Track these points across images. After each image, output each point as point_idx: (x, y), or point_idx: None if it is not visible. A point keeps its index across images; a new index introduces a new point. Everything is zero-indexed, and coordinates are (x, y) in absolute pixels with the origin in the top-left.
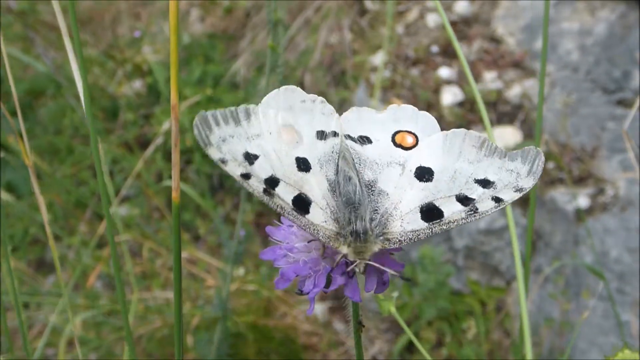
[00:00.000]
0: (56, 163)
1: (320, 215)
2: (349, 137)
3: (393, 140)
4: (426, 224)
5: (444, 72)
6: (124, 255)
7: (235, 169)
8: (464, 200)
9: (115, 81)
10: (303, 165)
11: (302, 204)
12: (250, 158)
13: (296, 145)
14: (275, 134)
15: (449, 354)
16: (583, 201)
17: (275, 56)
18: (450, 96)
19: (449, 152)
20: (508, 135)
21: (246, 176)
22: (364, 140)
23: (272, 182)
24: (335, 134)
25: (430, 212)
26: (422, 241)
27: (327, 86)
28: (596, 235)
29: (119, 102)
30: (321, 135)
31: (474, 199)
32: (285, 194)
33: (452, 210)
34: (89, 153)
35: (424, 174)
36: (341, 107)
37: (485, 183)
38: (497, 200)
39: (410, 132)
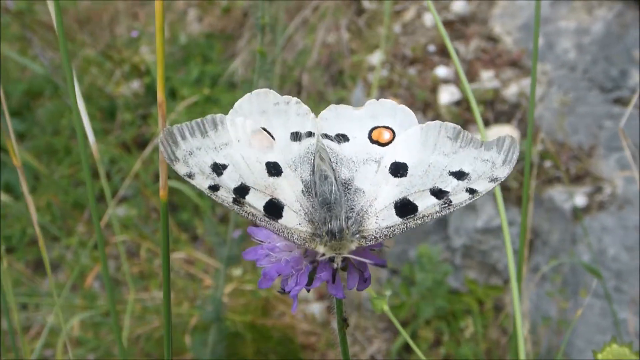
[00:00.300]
0: (54, 164)
1: (293, 219)
2: (326, 136)
3: (370, 137)
4: (401, 219)
5: (441, 71)
6: (121, 256)
7: (202, 182)
8: (438, 193)
9: (113, 81)
10: (274, 169)
11: (274, 209)
12: (219, 169)
13: (268, 150)
14: (244, 141)
15: (447, 353)
16: (581, 200)
17: (263, 61)
18: (447, 95)
19: (425, 146)
20: (505, 134)
21: (214, 188)
22: (341, 138)
23: (241, 191)
24: (310, 134)
25: (405, 207)
26: (398, 237)
27: (324, 86)
28: (594, 233)
29: (116, 102)
30: (296, 136)
31: (448, 192)
32: (255, 201)
33: (426, 204)
34: (87, 153)
35: (398, 170)
36: None
37: (459, 175)
38: (472, 191)
39: (387, 128)
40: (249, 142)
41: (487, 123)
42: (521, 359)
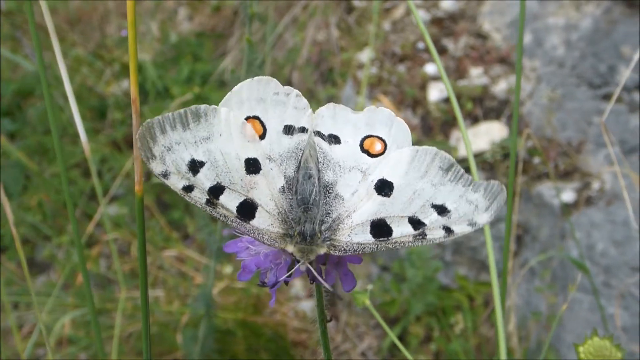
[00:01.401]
0: (45, 163)
1: (266, 219)
2: (319, 134)
3: (361, 145)
4: (373, 239)
5: (431, 68)
6: (112, 254)
7: (177, 182)
8: (416, 223)
9: (104, 81)
10: (253, 167)
11: (247, 210)
12: (196, 166)
13: (251, 144)
14: (226, 135)
15: (438, 349)
16: (570, 195)
17: (252, 51)
18: (436, 92)
19: (415, 170)
20: (494, 130)
21: (188, 189)
22: (333, 139)
23: (216, 191)
24: (303, 129)
25: (380, 229)
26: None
27: (314, 83)
28: (583, 229)
29: (107, 102)
30: (288, 130)
31: (426, 225)
32: (229, 201)
33: (401, 231)
34: (78, 152)
35: (384, 188)
36: None
37: (441, 210)
38: (448, 230)
39: (380, 139)
40: (231, 136)
41: (476, 119)
42: (502, 357)
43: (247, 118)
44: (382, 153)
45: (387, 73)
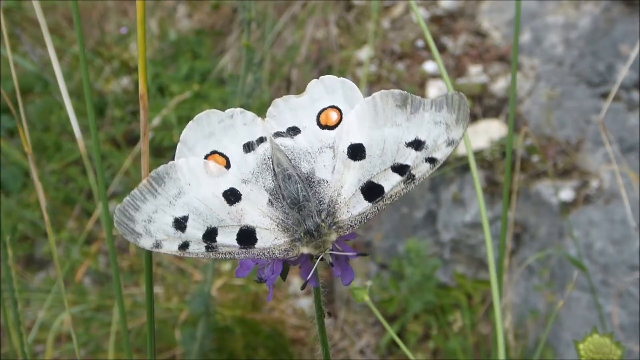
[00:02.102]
0: (44, 160)
1: (268, 236)
2: (278, 134)
3: (319, 123)
4: (370, 204)
5: (430, 66)
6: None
7: (171, 246)
8: (399, 169)
9: (103, 78)
10: (233, 197)
11: (247, 237)
12: (181, 223)
13: (222, 178)
14: (195, 182)
15: (436, 347)
16: (568, 194)
17: (250, 54)
18: (435, 90)
19: (375, 120)
20: (494, 128)
21: (184, 246)
22: (292, 131)
23: (210, 235)
24: (262, 139)
25: (372, 190)
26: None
27: None
28: (581, 227)
29: (106, 99)
30: (248, 147)
31: (409, 166)
32: (227, 238)
33: (391, 183)
34: (78, 149)
35: (356, 152)
36: None
37: (417, 145)
38: (431, 160)
39: (333, 108)
40: (199, 180)
41: (475, 118)
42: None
43: (207, 157)
44: (341, 119)
45: (386, 71)
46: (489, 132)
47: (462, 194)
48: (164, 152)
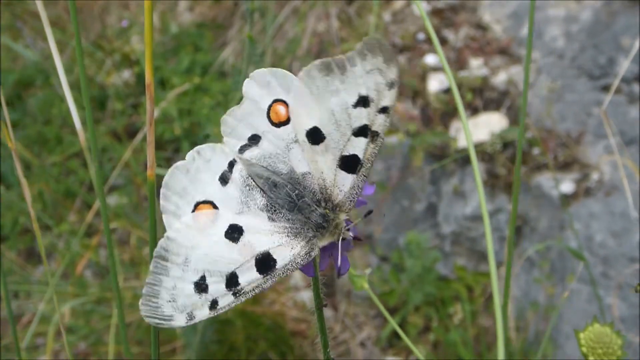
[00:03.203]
0: (45, 153)
1: (285, 252)
2: (243, 148)
3: (272, 124)
4: (354, 175)
5: (431, 59)
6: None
7: (202, 312)
8: (360, 132)
9: (104, 71)
10: (237, 233)
11: (266, 263)
12: (201, 285)
13: (214, 223)
14: (195, 240)
15: (436, 339)
16: (568, 186)
17: (252, 47)
18: (436, 83)
19: (314, 97)
20: (494, 121)
21: (214, 304)
22: (254, 141)
23: (232, 281)
24: (232, 163)
25: (349, 164)
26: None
27: None
28: (581, 220)
29: (107, 92)
30: (223, 180)
31: (367, 124)
32: (248, 276)
33: (360, 148)
34: (78, 142)
35: (315, 136)
36: None
37: (362, 102)
38: (383, 110)
39: (277, 102)
40: (198, 238)
41: (476, 110)
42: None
43: (193, 211)
44: (288, 110)
45: None
46: (489, 124)
47: (463, 187)
48: (164, 145)
